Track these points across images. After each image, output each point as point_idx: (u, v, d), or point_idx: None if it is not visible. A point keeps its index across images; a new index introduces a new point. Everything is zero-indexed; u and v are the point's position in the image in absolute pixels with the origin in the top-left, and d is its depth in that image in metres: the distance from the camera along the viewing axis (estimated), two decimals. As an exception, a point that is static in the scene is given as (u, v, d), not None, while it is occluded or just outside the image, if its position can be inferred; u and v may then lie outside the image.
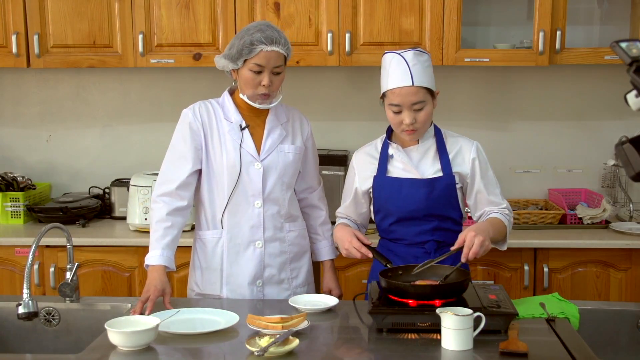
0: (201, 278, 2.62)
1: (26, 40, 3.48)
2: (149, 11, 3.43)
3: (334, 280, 2.75)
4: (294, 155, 2.62)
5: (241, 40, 2.46)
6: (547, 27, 3.34)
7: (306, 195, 2.74)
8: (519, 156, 3.81)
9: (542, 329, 2.18)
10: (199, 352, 2.04)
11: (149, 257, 2.46)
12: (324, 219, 2.77)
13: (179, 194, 2.52)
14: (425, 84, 2.39)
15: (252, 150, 2.54)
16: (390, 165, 2.51)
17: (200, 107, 2.59)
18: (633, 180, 1.76)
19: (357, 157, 2.61)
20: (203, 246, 2.61)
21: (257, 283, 2.59)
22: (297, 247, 2.66)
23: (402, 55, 2.40)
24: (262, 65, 2.46)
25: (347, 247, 2.41)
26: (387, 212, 2.50)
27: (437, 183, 2.44)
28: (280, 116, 2.63)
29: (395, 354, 1.99)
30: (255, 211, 2.56)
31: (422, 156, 2.49)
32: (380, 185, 2.50)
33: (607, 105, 3.73)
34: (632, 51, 1.72)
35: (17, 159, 3.93)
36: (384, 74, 2.44)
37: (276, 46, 2.46)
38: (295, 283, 2.65)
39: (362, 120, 3.79)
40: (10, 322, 2.43)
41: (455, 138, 2.53)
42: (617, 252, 3.21)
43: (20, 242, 3.31)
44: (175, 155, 2.56)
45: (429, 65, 2.43)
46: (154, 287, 2.34)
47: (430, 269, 2.31)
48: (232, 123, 2.56)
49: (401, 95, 2.38)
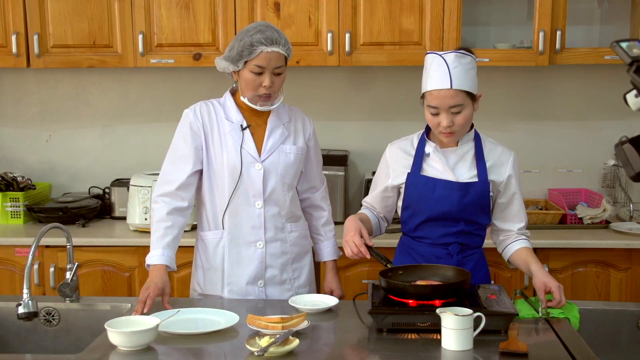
0: (203, 278, 2.62)
1: (26, 40, 3.48)
2: (149, 11, 3.43)
3: (335, 281, 2.74)
4: (296, 155, 2.60)
5: (241, 41, 2.45)
6: (547, 27, 3.34)
7: (309, 195, 2.73)
8: (519, 156, 3.73)
9: (542, 329, 2.19)
10: (199, 352, 2.04)
11: (149, 256, 2.46)
12: (326, 219, 2.75)
13: (179, 194, 2.52)
14: (464, 87, 2.34)
15: (252, 151, 2.54)
16: (425, 164, 2.47)
17: (202, 107, 2.58)
18: (633, 180, 1.76)
19: (392, 151, 2.55)
20: (204, 246, 2.61)
21: (259, 284, 2.59)
22: (299, 247, 2.66)
23: (443, 57, 2.36)
24: (262, 66, 2.45)
25: (347, 239, 2.36)
26: (416, 210, 2.47)
27: (472, 188, 2.42)
28: (282, 116, 2.62)
29: (395, 354, 1.99)
30: (256, 212, 2.56)
31: (459, 159, 2.46)
32: (413, 183, 2.46)
33: (607, 105, 3.73)
34: (632, 51, 1.72)
35: (17, 159, 3.93)
36: (425, 75, 2.41)
37: (276, 47, 2.45)
38: (297, 283, 2.65)
39: (362, 120, 3.79)
40: (10, 322, 2.43)
41: (494, 145, 2.51)
42: (617, 252, 3.21)
43: (20, 242, 3.31)
44: (176, 155, 2.56)
45: (472, 68, 2.39)
46: (154, 285, 2.33)
47: (430, 268, 2.31)
48: (233, 123, 2.55)
49: (439, 97, 2.34)
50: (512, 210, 2.51)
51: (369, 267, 3.22)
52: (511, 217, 2.52)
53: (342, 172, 3.52)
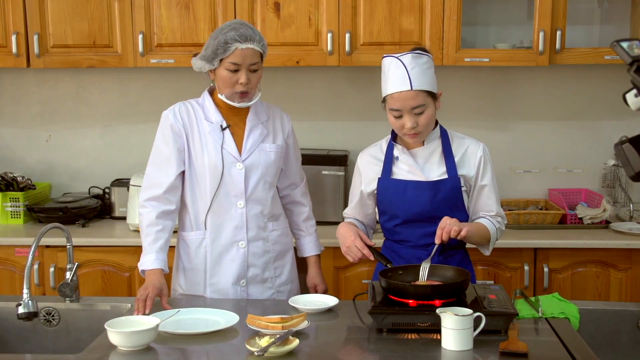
0: (185, 279, 2.62)
1: (26, 40, 3.48)
2: (149, 11, 3.43)
3: (319, 276, 2.76)
4: (276, 154, 2.62)
5: (215, 40, 2.47)
6: (547, 27, 3.34)
7: (289, 192, 2.75)
8: (519, 156, 3.81)
9: (542, 329, 2.18)
10: (199, 352, 2.04)
11: (143, 262, 2.46)
12: (307, 214, 2.78)
13: (167, 197, 2.53)
14: (424, 87, 2.37)
15: (233, 151, 2.55)
16: (395, 167, 2.50)
17: (181, 108, 2.59)
18: (632, 180, 1.76)
19: (362, 159, 2.60)
20: (186, 247, 2.61)
21: (241, 283, 2.60)
22: (281, 245, 2.68)
23: (400, 59, 2.38)
24: (238, 63, 2.46)
25: (348, 244, 2.39)
26: (392, 214, 2.50)
27: (442, 185, 2.43)
28: (260, 115, 2.63)
29: (395, 354, 1.99)
30: (238, 211, 2.57)
31: (427, 158, 2.48)
32: (384, 188, 2.49)
33: (607, 105, 3.73)
34: (633, 51, 1.72)
35: (17, 159, 3.93)
36: (384, 79, 2.43)
37: (251, 43, 2.46)
38: (279, 281, 2.67)
39: (362, 120, 3.79)
40: (10, 322, 2.43)
41: (462, 139, 2.51)
42: (617, 252, 3.21)
43: (20, 242, 3.31)
44: (160, 158, 2.56)
45: (429, 67, 2.40)
46: (152, 286, 2.34)
47: (430, 268, 2.31)
48: (213, 123, 2.56)
49: (400, 100, 2.37)
50: (481, 202, 2.49)
51: (369, 267, 3.22)
52: (480, 208, 2.50)
53: (342, 172, 3.52)
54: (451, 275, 2.28)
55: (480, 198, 2.49)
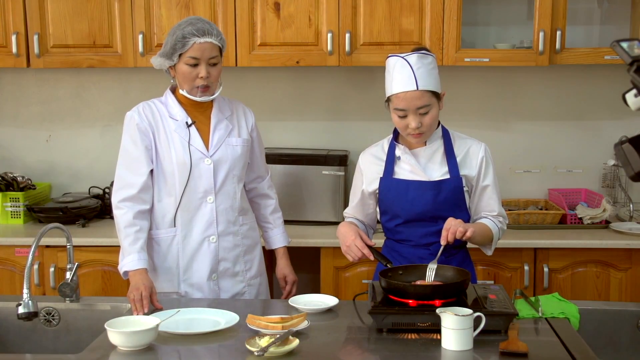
0: (157, 277, 2.62)
1: (26, 40, 3.48)
2: (149, 11, 3.43)
3: (288, 266, 2.80)
4: (242, 147, 2.65)
5: (173, 35, 2.49)
6: (547, 27, 3.34)
7: (255, 185, 2.79)
8: (519, 156, 3.81)
9: (542, 329, 2.18)
10: (199, 352, 2.04)
11: (126, 263, 2.47)
12: (274, 207, 2.82)
13: (141, 197, 2.54)
14: (430, 87, 2.37)
15: (200, 147, 2.57)
16: (397, 167, 2.49)
17: (144, 107, 2.61)
18: (632, 180, 1.76)
19: (364, 158, 2.60)
20: (157, 245, 2.62)
21: (212, 277, 2.62)
22: (250, 239, 2.71)
23: (405, 59, 2.38)
24: (197, 57, 2.48)
25: (348, 244, 2.39)
26: (393, 214, 2.49)
27: (444, 185, 2.43)
28: (224, 110, 2.66)
29: (395, 354, 1.99)
30: (208, 207, 2.59)
31: (429, 158, 2.48)
32: (386, 187, 2.49)
33: (607, 105, 3.73)
34: (633, 51, 1.72)
35: (17, 159, 3.93)
36: (388, 78, 2.43)
37: (209, 37, 2.48)
38: (249, 275, 2.70)
39: (362, 120, 3.79)
40: (10, 322, 2.43)
41: (464, 140, 2.52)
42: (617, 252, 3.21)
43: (20, 242, 3.31)
44: (129, 159, 2.57)
45: (434, 67, 2.41)
46: (143, 285, 2.36)
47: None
48: (178, 121, 2.58)
49: (406, 99, 2.36)
50: (483, 202, 2.50)
51: (369, 267, 3.22)
52: (482, 208, 2.51)
53: (342, 172, 3.52)
54: (451, 275, 2.28)
55: (483, 198, 2.49)
